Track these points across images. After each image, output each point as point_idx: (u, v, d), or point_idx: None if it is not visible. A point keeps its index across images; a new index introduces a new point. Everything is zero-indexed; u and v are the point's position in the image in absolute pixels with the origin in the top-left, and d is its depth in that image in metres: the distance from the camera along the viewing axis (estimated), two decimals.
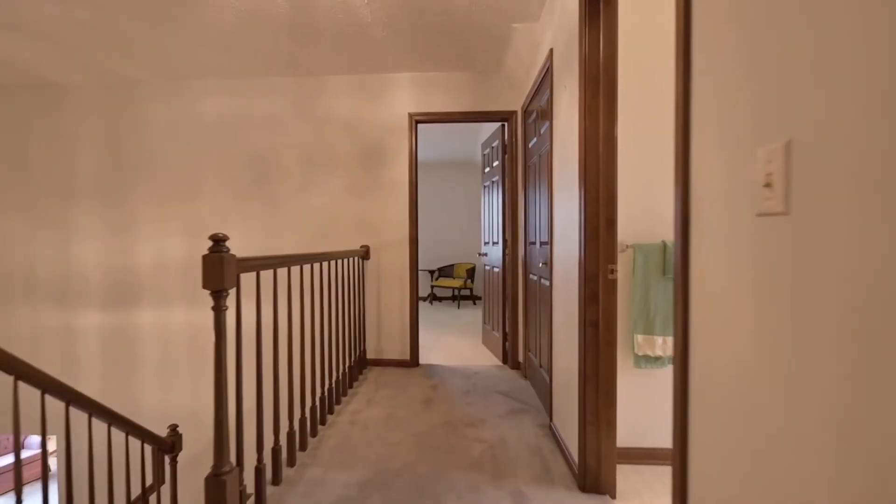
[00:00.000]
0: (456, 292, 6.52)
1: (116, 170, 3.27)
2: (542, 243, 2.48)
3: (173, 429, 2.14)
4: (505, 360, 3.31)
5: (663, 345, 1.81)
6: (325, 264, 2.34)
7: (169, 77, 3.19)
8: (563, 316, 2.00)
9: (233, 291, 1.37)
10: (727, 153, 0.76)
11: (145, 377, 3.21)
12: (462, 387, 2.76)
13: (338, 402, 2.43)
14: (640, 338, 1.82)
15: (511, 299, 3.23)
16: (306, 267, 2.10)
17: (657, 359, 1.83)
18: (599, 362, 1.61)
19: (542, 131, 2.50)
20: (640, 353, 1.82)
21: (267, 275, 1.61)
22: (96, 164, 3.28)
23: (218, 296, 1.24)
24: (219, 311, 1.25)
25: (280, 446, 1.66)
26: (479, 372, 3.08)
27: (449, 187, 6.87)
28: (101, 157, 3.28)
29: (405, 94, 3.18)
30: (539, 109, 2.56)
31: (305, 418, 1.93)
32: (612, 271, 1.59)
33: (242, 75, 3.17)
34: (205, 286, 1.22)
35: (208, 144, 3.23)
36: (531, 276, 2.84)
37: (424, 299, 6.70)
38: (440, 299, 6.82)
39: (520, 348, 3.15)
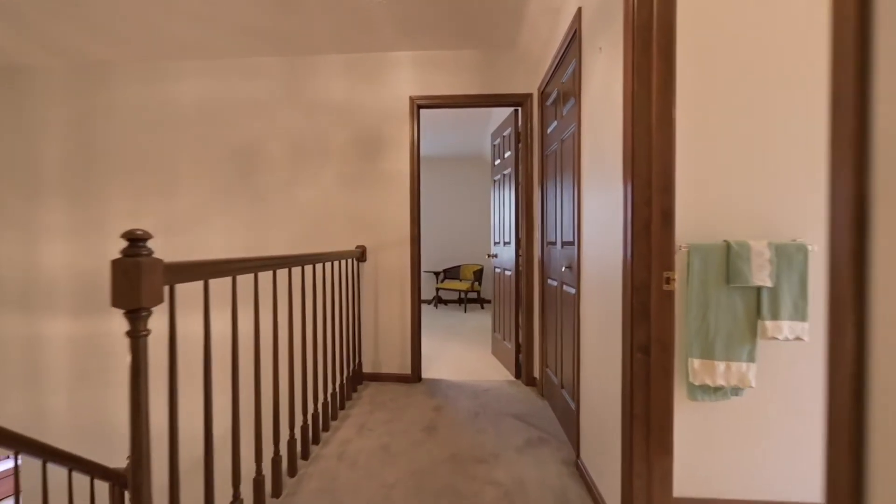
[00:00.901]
0: (463, 295, 6.18)
1: (86, 162, 2.95)
2: (564, 243, 2.11)
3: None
4: (518, 375, 2.94)
5: (726, 371, 1.43)
6: (308, 268, 1.99)
7: (143, 58, 2.87)
8: (595, 332, 1.63)
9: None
10: None
11: (117, 390, 2.88)
12: (470, 408, 2.40)
13: (325, 429, 2.08)
14: (696, 363, 1.44)
15: (525, 307, 2.86)
16: (295, 270, 1.76)
17: (717, 389, 1.44)
18: (651, 398, 1.24)
19: (564, 112, 2.13)
20: (696, 382, 1.44)
21: (232, 282, 1.28)
22: (64, 156, 2.96)
23: (135, 317, 0.89)
24: (136, 336, 0.90)
25: (241, 499, 1.32)
26: (490, 389, 2.72)
27: (455, 183, 6.51)
28: (69, 148, 2.95)
29: (406, 76, 2.83)
30: (561, 88, 2.19)
31: (280, 457, 1.58)
32: (669, 280, 1.22)
33: (224, 55, 2.84)
34: (114, 303, 0.87)
35: (187, 133, 2.90)
36: (550, 281, 2.47)
37: (429, 302, 6.36)
38: (446, 302, 6.46)
39: (535, 362, 2.78)
